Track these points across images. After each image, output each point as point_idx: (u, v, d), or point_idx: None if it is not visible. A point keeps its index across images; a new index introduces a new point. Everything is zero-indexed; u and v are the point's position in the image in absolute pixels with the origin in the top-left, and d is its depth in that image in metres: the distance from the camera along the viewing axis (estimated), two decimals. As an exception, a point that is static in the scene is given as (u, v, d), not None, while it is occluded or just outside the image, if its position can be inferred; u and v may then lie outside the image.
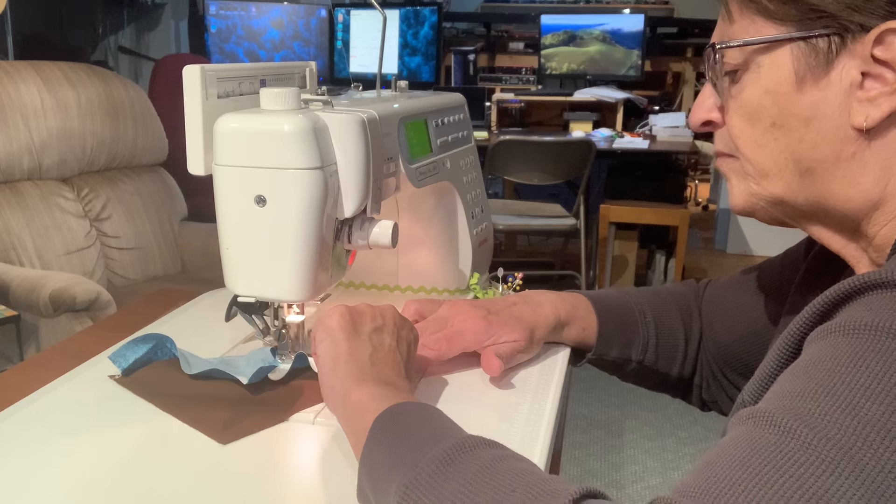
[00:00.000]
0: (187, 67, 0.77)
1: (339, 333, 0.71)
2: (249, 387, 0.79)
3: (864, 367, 0.47)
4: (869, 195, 0.60)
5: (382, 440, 0.60)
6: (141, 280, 2.67)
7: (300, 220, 0.74)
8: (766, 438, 0.47)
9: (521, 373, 0.84)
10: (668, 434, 2.63)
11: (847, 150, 0.59)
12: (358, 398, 0.65)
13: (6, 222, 2.38)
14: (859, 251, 0.65)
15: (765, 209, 0.66)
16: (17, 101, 2.45)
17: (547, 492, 0.51)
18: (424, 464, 0.55)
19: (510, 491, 0.52)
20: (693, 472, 0.49)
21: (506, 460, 0.55)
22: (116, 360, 0.82)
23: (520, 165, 3.41)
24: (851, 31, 0.57)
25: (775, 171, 0.63)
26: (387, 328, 0.74)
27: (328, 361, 0.70)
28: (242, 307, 0.83)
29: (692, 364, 0.91)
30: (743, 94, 0.63)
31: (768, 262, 0.88)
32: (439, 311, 0.87)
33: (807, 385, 0.49)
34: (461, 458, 0.55)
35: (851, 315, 0.51)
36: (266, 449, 0.70)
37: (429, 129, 0.98)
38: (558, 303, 0.88)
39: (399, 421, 0.61)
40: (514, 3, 5.63)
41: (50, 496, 0.62)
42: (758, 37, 0.61)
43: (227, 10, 3.96)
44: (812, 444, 0.45)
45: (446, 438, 0.57)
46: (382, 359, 0.70)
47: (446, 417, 0.63)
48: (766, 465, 0.46)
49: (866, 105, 0.58)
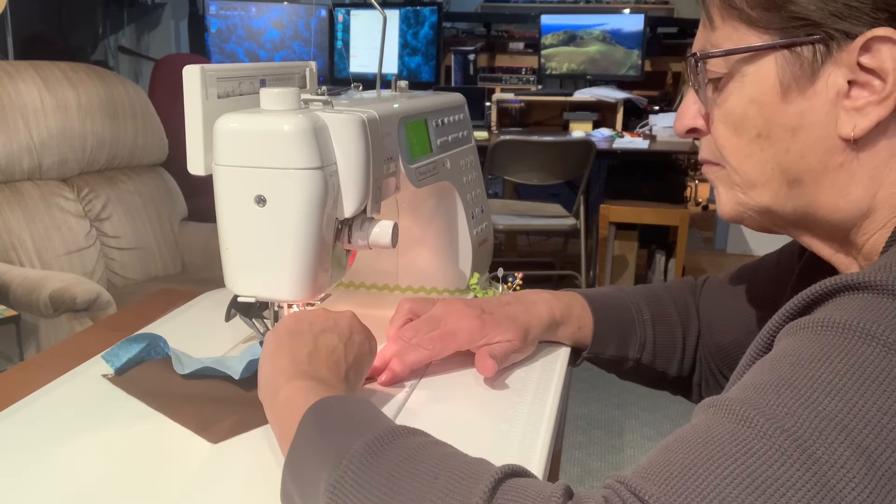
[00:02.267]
0: (187, 67, 0.77)
1: (283, 331, 0.71)
2: (242, 385, 0.79)
3: (827, 363, 0.48)
4: (858, 205, 0.60)
5: (306, 439, 0.59)
6: (141, 280, 2.67)
7: (300, 220, 0.74)
8: (723, 426, 0.48)
9: (521, 373, 0.84)
10: (667, 434, 2.62)
11: (835, 160, 0.59)
12: (286, 394, 0.64)
13: (6, 222, 2.38)
14: (849, 259, 0.64)
15: (753, 218, 0.65)
16: (17, 101, 2.45)
17: (469, 475, 0.51)
18: (348, 459, 0.54)
19: (433, 479, 0.52)
20: (649, 455, 0.50)
21: (428, 447, 0.55)
22: (109, 359, 0.82)
23: (520, 165, 3.41)
24: (836, 39, 0.56)
25: (762, 181, 0.62)
26: (336, 330, 0.72)
27: (266, 356, 0.70)
28: (242, 310, 0.83)
29: (691, 362, 0.91)
30: (727, 103, 0.62)
31: (764, 260, 0.87)
32: (433, 310, 0.86)
33: (770, 377, 0.49)
34: (384, 450, 0.55)
35: (823, 313, 0.51)
36: (265, 449, 0.70)
37: (429, 129, 0.98)
38: (553, 302, 0.88)
39: (323, 416, 0.60)
40: (514, 3, 5.63)
41: (50, 496, 0.62)
42: (741, 45, 0.60)
43: (227, 10, 3.96)
44: (767, 433, 0.46)
45: (368, 431, 0.57)
46: (322, 358, 0.69)
47: (372, 408, 0.62)
48: (719, 452, 0.46)
49: (853, 114, 0.57)
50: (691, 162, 4.04)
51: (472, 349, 0.82)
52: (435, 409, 0.77)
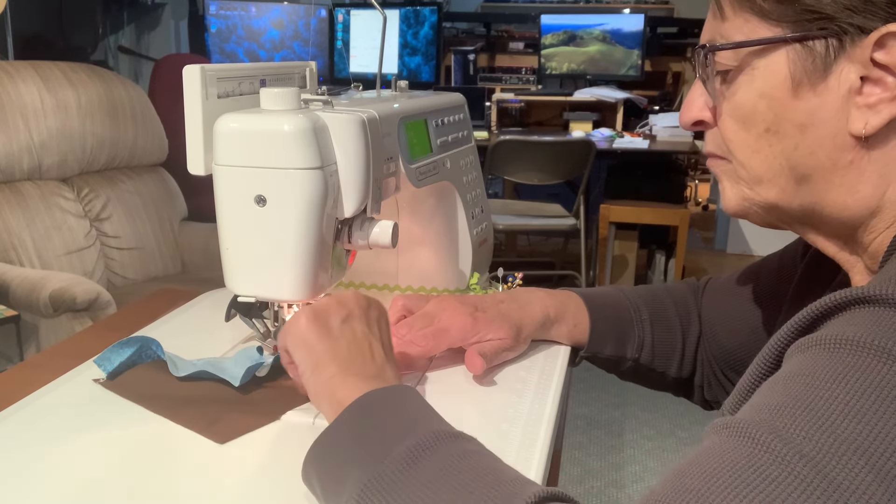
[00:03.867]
0: (187, 67, 0.77)
1: (310, 336, 0.68)
2: (240, 389, 0.78)
3: (843, 383, 0.46)
4: (867, 203, 0.59)
5: (346, 432, 0.59)
6: (141, 280, 2.67)
7: (300, 220, 0.74)
8: (739, 451, 0.46)
9: (521, 373, 0.84)
10: (668, 434, 2.63)
11: (844, 158, 0.58)
12: (343, 396, 0.63)
13: (6, 222, 2.38)
14: (854, 257, 0.63)
15: (758, 213, 0.64)
16: (17, 101, 2.45)
17: (506, 495, 0.50)
18: (390, 461, 0.54)
19: (469, 493, 0.51)
20: (663, 480, 0.48)
21: (470, 457, 0.55)
22: (101, 363, 0.81)
23: (520, 165, 3.41)
24: (850, 34, 0.55)
25: (769, 177, 0.61)
26: (354, 315, 0.71)
27: (308, 366, 0.68)
28: (242, 310, 0.82)
29: (691, 363, 0.90)
30: (736, 96, 0.60)
31: (766, 261, 0.87)
32: (427, 306, 0.86)
33: (784, 398, 0.47)
34: (426, 456, 0.54)
35: (833, 329, 0.50)
36: (266, 450, 0.70)
37: (429, 129, 0.97)
38: (547, 300, 0.88)
39: (366, 412, 0.60)
40: (514, 3, 5.63)
41: (50, 496, 0.62)
42: (752, 37, 0.58)
43: (227, 10, 3.96)
44: (786, 459, 0.44)
45: (413, 434, 0.56)
46: (360, 348, 0.68)
47: (418, 402, 0.61)
48: (736, 479, 0.44)
49: (865, 111, 0.56)
50: (691, 162, 4.04)
51: (464, 346, 0.82)
52: (435, 408, 0.77)
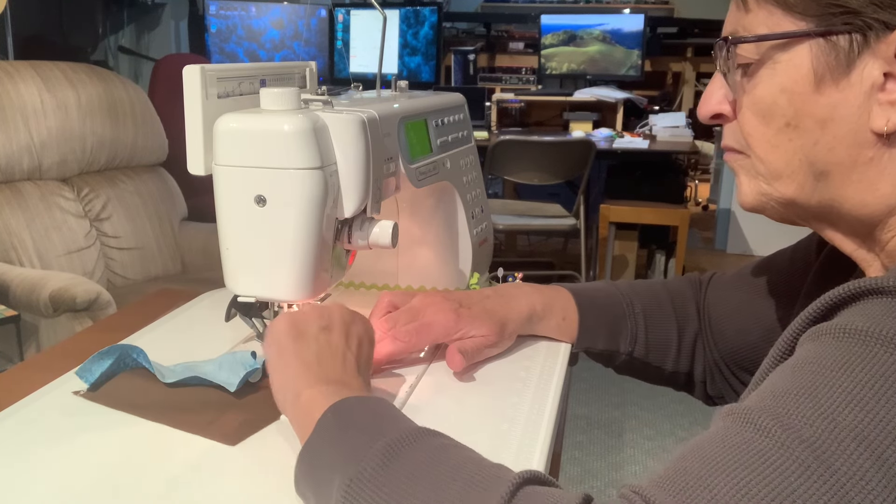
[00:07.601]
0: (187, 67, 0.77)
1: (284, 338, 0.69)
2: (235, 393, 0.78)
3: (848, 372, 0.47)
4: (886, 200, 0.58)
5: (326, 437, 0.59)
6: (141, 280, 2.67)
7: (300, 220, 0.74)
8: (740, 435, 0.47)
9: (521, 373, 0.84)
10: (668, 434, 2.63)
11: (865, 155, 0.57)
12: (306, 398, 0.64)
13: (6, 222, 2.38)
14: (871, 255, 0.63)
15: (775, 209, 0.63)
16: (17, 101, 2.45)
17: (488, 480, 0.51)
18: (369, 458, 0.54)
19: (451, 482, 0.52)
20: (668, 464, 0.49)
21: (449, 450, 0.55)
22: (83, 374, 0.80)
23: (520, 165, 3.41)
24: (875, 30, 0.54)
25: (788, 172, 0.60)
26: (334, 326, 0.71)
27: (276, 365, 0.69)
28: (242, 309, 0.82)
29: (688, 357, 0.89)
30: (756, 90, 0.60)
31: (777, 257, 0.85)
32: (412, 301, 0.85)
33: (790, 385, 0.48)
34: (404, 451, 0.55)
35: (845, 319, 0.50)
36: (266, 450, 0.70)
37: (429, 129, 0.97)
38: (534, 296, 0.87)
39: (343, 416, 0.60)
40: (514, 3, 5.63)
41: (50, 496, 0.62)
42: (775, 30, 0.58)
43: (227, 10, 3.96)
44: (785, 444, 0.45)
45: (390, 431, 0.56)
46: (331, 357, 0.68)
47: (392, 409, 0.62)
48: (736, 462, 0.45)
49: (888, 108, 0.55)
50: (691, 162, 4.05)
51: (447, 342, 0.83)
52: (435, 408, 0.77)
